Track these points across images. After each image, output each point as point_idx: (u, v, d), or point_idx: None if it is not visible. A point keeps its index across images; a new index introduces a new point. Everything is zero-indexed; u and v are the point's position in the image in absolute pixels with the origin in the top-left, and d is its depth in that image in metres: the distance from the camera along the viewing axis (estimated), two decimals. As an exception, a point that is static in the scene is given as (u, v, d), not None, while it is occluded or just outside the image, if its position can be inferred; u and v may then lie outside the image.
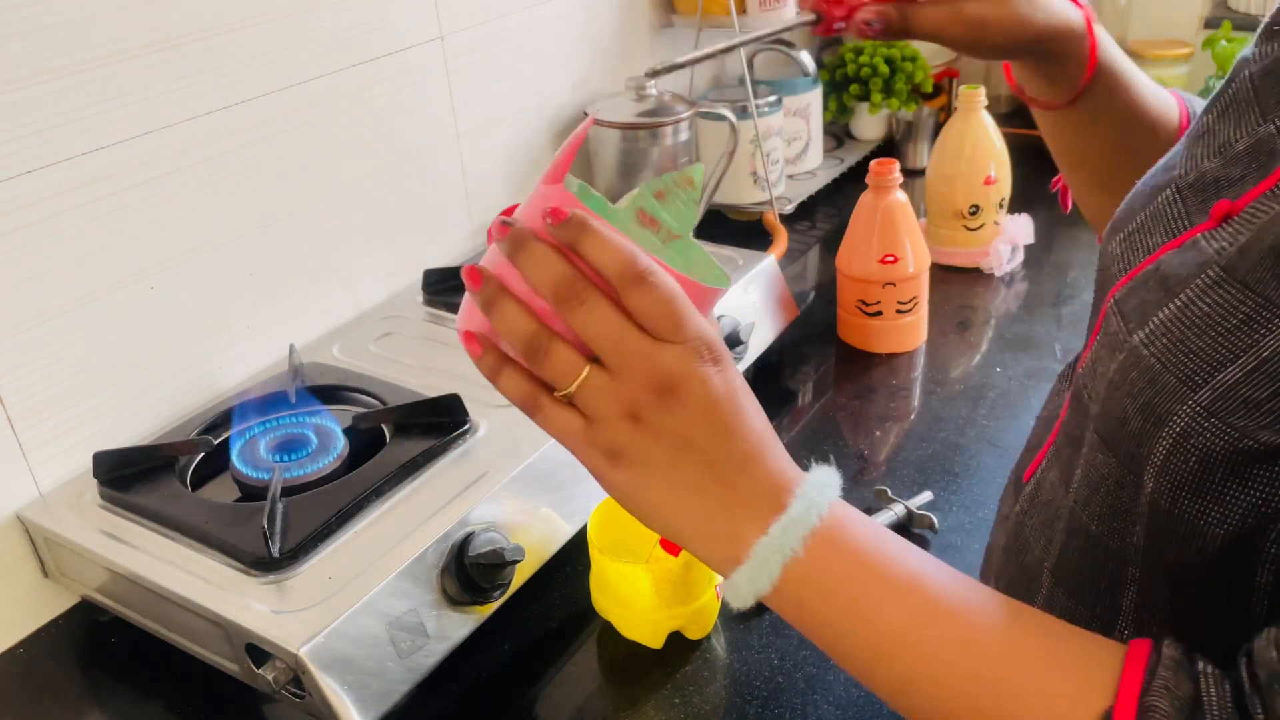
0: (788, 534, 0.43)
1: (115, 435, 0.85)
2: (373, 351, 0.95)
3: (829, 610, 0.44)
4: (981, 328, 1.15)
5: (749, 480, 0.45)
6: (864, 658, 0.44)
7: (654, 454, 0.44)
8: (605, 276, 0.44)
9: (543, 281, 0.44)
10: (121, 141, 0.81)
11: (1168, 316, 0.43)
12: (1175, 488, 0.42)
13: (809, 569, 0.44)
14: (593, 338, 0.44)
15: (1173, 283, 0.44)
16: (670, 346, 0.43)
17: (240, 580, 0.68)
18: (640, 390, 0.43)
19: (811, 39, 1.73)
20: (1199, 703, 0.39)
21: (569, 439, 0.46)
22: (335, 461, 0.78)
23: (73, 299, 0.80)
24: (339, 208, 1.00)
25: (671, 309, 0.43)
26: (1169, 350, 0.42)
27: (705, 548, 0.46)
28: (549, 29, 1.21)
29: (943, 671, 0.42)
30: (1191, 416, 0.41)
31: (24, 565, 0.80)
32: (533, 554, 0.76)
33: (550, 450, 0.79)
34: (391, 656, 0.67)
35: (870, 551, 0.44)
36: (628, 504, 0.46)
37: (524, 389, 0.46)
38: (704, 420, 0.44)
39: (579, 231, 0.44)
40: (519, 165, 1.21)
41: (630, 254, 0.43)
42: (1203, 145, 0.51)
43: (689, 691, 0.72)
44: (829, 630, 0.45)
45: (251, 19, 0.88)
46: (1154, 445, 0.43)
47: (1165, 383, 0.42)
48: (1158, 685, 0.39)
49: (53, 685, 0.77)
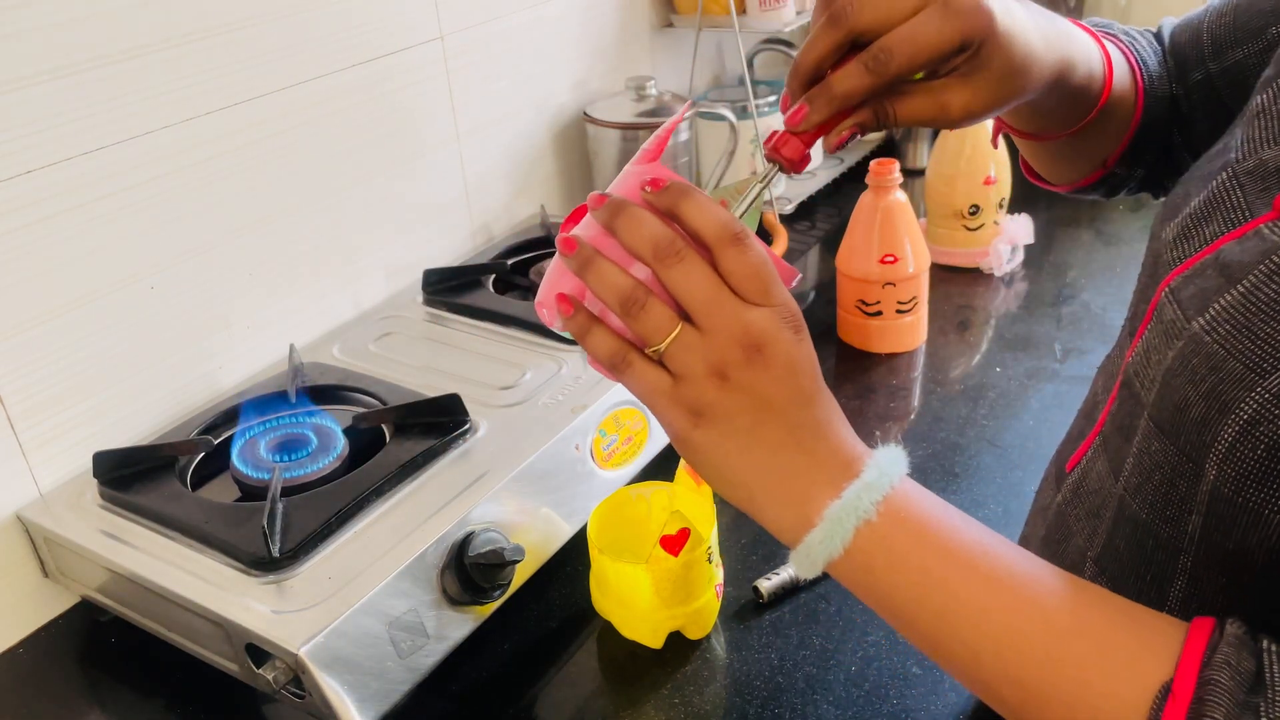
0: (862, 498, 0.44)
1: (115, 435, 0.85)
2: (373, 351, 0.96)
3: (897, 576, 0.45)
4: (981, 328, 1.15)
5: (825, 446, 0.46)
6: (931, 625, 0.45)
7: (736, 413, 0.46)
8: (703, 238, 0.46)
9: (642, 241, 0.46)
10: (121, 141, 0.81)
11: (1230, 303, 0.43)
12: (1240, 476, 0.42)
13: (881, 533, 0.45)
14: (687, 293, 0.45)
15: (1234, 270, 0.44)
16: (759, 309, 0.45)
17: (240, 580, 0.68)
18: (728, 348, 0.45)
19: (811, 39, 1.72)
20: (1260, 678, 0.39)
21: (656, 395, 0.47)
22: (335, 461, 0.78)
23: (73, 299, 0.80)
24: (339, 208, 1.00)
25: (762, 273, 0.45)
26: (1233, 336, 0.42)
27: (776, 511, 0.47)
28: (549, 29, 1.21)
29: (1009, 640, 0.43)
30: (1260, 403, 0.40)
31: (24, 565, 0.80)
32: (533, 554, 0.76)
33: (550, 450, 0.79)
34: (391, 656, 0.67)
35: (939, 522, 0.45)
36: (703, 464, 0.47)
37: (614, 346, 0.47)
38: (786, 382, 0.46)
39: (680, 196, 0.46)
40: (519, 165, 1.21)
41: (729, 217, 0.46)
42: (1259, 128, 0.49)
43: (689, 691, 0.72)
44: (897, 597, 0.45)
45: (251, 19, 0.88)
46: (1218, 432, 0.42)
47: (1230, 369, 0.42)
48: (1219, 660, 0.40)
49: (53, 685, 0.77)
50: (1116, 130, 0.64)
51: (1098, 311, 1.16)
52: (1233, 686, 0.39)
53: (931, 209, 1.26)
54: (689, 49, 1.39)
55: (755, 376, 0.45)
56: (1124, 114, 0.64)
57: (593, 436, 0.82)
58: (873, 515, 0.45)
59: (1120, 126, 0.64)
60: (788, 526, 0.47)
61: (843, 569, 0.46)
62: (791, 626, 0.76)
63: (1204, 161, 0.53)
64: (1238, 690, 0.39)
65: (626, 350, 0.47)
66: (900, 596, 0.45)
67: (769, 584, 0.78)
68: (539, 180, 1.25)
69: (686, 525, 0.71)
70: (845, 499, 0.45)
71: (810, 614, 0.77)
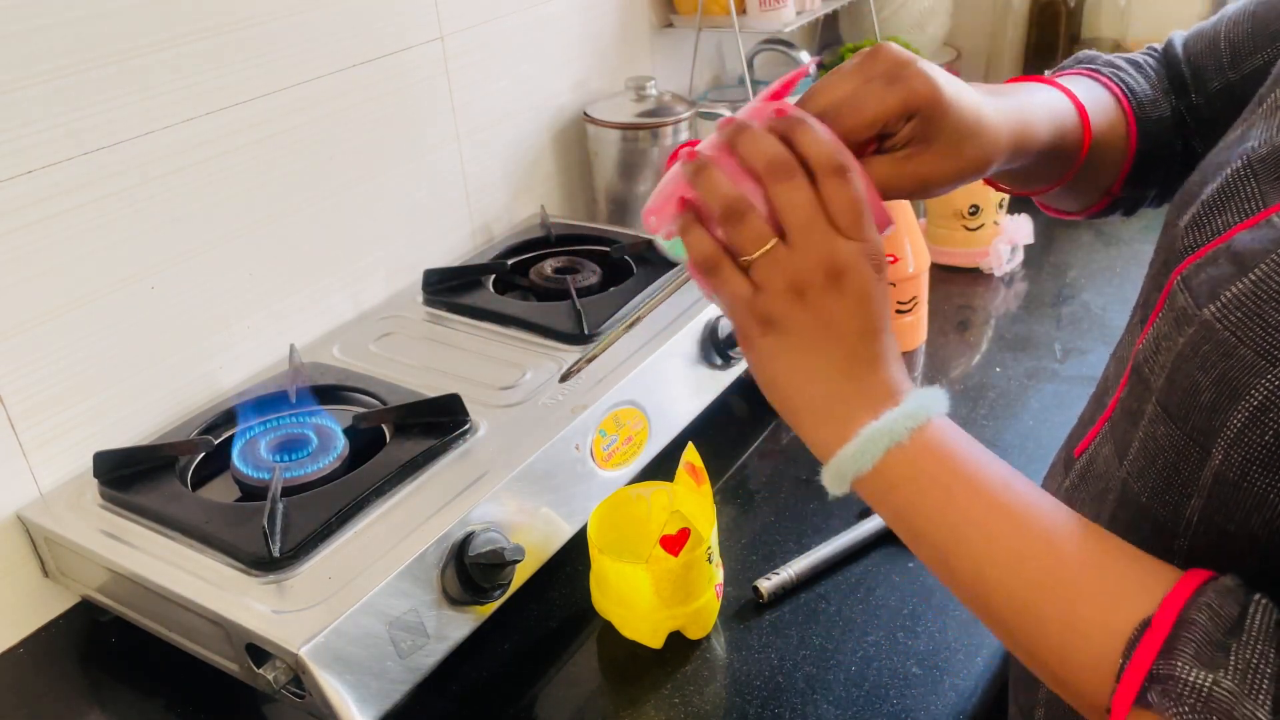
0: (897, 424, 0.47)
1: (115, 435, 0.85)
2: (373, 351, 0.96)
3: (918, 496, 0.48)
4: (981, 328, 1.15)
5: (875, 377, 0.49)
6: (944, 541, 0.47)
7: (804, 329, 0.49)
8: (812, 164, 0.49)
9: (758, 154, 0.49)
10: (122, 141, 0.81)
11: (1242, 290, 0.44)
12: (1247, 460, 0.43)
13: (910, 456, 0.47)
14: (789, 210, 0.48)
15: (1246, 258, 0.44)
16: (849, 241, 0.48)
17: (240, 580, 0.68)
18: (813, 268, 0.48)
19: (811, 39, 1.73)
20: (1240, 624, 0.40)
21: (735, 300, 0.50)
22: (335, 461, 0.78)
23: (73, 299, 0.80)
24: (339, 208, 1.00)
25: (859, 208, 0.49)
26: (1244, 324, 0.43)
27: (814, 425, 0.50)
28: (549, 29, 1.21)
29: (1015, 562, 0.45)
30: (1271, 390, 0.41)
31: (24, 565, 0.80)
32: (533, 554, 0.76)
33: (550, 450, 0.79)
34: (391, 656, 0.67)
35: (966, 454, 0.48)
36: (762, 369, 0.51)
37: (710, 247, 0.50)
38: (857, 313, 0.49)
39: (799, 123, 0.49)
40: (519, 165, 1.21)
41: (840, 148, 0.49)
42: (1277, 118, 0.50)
43: (689, 691, 0.72)
44: (915, 514, 0.48)
45: (251, 19, 0.88)
46: (1228, 418, 0.43)
47: (1241, 356, 0.43)
48: (1202, 601, 0.41)
49: (53, 685, 0.77)
50: (1112, 163, 0.65)
51: (1098, 311, 1.16)
52: (1210, 627, 0.40)
53: (931, 209, 1.26)
54: (689, 49, 1.39)
55: (830, 301, 0.48)
56: (1116, 148, 0.65)
57: (593, 436, 0.82)
58: (904, 439, 0.47)
59: (1115, 159, 0.65)
60: (823, 441, 0.49)
61: (868, 484, 0.49)
62: (791, 626, 0.76)
63: (1220, 150, 0.54)
64: (1215, 631, 0.40)
65: (720, 255, 0.50)
66: (918, 514, 0.48)
67: (769, 584, 0.78)
68: (539, 180, 1.25)
69: (686, 525, 0.71)
70: (882, 421, 0.48)
71: (810, 614, 0.77)
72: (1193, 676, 0.40)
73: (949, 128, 0.52)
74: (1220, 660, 0.40)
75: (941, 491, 0.47)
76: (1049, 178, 0.64)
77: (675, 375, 0.92)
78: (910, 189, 0.53)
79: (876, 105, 0.51)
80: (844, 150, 0.49)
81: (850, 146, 0.51)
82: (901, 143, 0.52)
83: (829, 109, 0.51)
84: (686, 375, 0.93)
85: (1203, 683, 0.40)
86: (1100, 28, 1.63)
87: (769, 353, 0.50)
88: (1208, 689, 0.39)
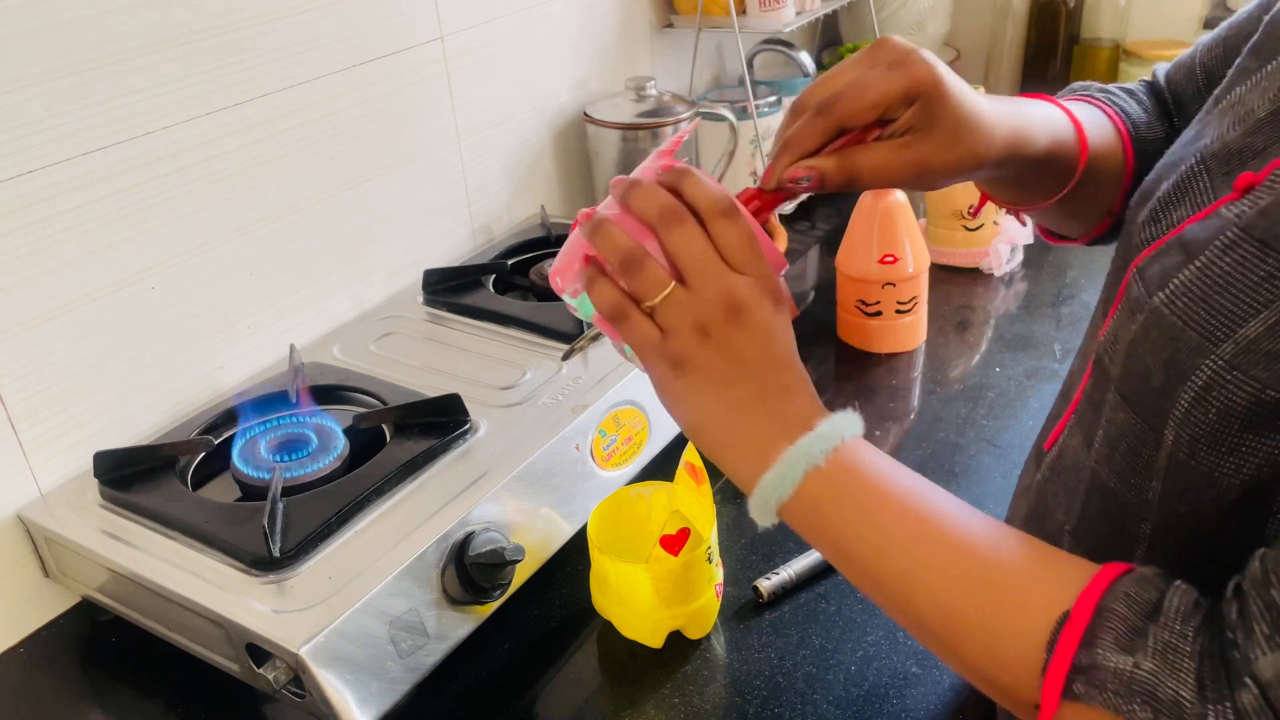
0: (813, 446, 0.49)
1: (116, 435, 0.85)
2: (373, 351, 0.96)
3: (841, 515, 0.49)
4: (981, 328, 1.15)
5: (788, 406, 0.51)
6: (869, 559, 0.49)
7: (713, 367, 0.51)
8: (698, 209, 0.51)
9: (649, 205, 0.52)
10: (122, 141, 0.81)
11: (1189, 277, 0.45)
12: (1194, 440, 0.44)
13: (828, 477, 0.49)
14: (682, 254, 0.51)
15: (1194, 247, 0.46)
16: (743, 276, 0.50)
17: (241, 580, 0.68)
18: (713, 307, 0.50)
19: (810, 39, 1.73)
20: (1158, 608, 0.42)
21: (645, 346, 0.52)
22: (335, 461, 0.78)
23: (73, 299, 0.80)
24: (339, 208, 1.00)
25: (749, 244, 0.51)
26: (1190, 308, 0.45)
27: (736, 458, 0.51)
28: (549, 29, 1.21)
29: (935, 570, 0.47)
30: (1214, 371, 0.43)
31: (25, 565, 0.80)
32: (533, 554, 0.76)
33: (550, 450, 0.79)
34: (391, 656, 0.67)
35: (881, 472, 0.50)
36: (680, 410, 0.53)
37: (616, 296, 0.52)
38: (761, 346, 0.50)
39: (684, 174, 0.52)
40: (519, 165, 1.21)
41: (723, 193, 0.52)
42: (1231, 115, 0.52)
43: (689, 691, 0.72)
44: (839, 533, 0.49)
45: (251, 19, 0.88)
46: (1176, 399, 0.45)
47: (1187, 339, 0.44)
48: (1119, 590, 0.43)
49: (53, 685, 0.77)
50: (1111, 180, 0.67)
51: (1097, 311, 1.16)
52: (1128, 614, 0.42)
53: (931, 209, 1.26)
54: (689, 49, 1.39)
55: (733, 336, 0.50)
56: (1114, 166, 0.66)
57: (593, 436, 0.83)
58: (821, 461, 0.49)
59: (1114, 178, 0.66)
60: (745, 473, 0.51)
61: (793, 509, 0.50)
62: (791, 626, 0.76)
63: (1176, 149, 0.56)
64: (1133, 617, 0.42)
65: (626, 303, 0.52)
66: (843, 533, 0.49)
67: (769, 584, 0.78)
68: (539, 180, 1.25)
69: (686, 525, 0.71)
70: (798, 446, 0.49)
71: (810, 614, 0.77)
72: (1113, 662, 0.41)
73: (948, 115, 0.53)
74: (1139, 644, 0.41)
75: (861, 509, 0.49)
76: (1046, 191, 0.65)
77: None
78: (907, 175, 0.54)
79: (881, 87, 0.52)
80: (728, 195, 0.52)
81: (854, 129, 0.53)
82: (901, 129, 0.53)
83: (836, 93, 0.52)
84: (686, 375, 0.93)
85: (1123, 667, 0.41)
86: (1100, 28, 1.63)
87: (683, 394, 0.52)
88: (1129, 672, 0.41)
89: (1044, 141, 0.60)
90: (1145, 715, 0.40)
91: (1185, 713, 0.39)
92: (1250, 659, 0.39)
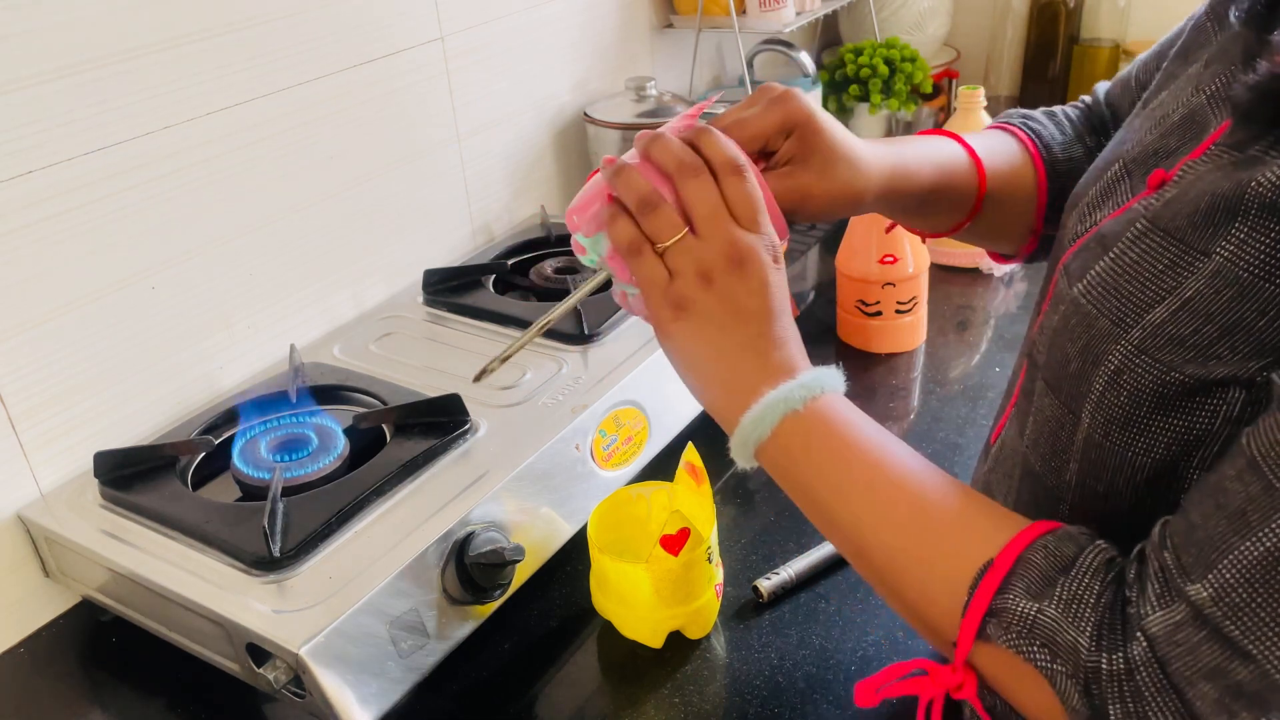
0: (794, 393, 0.52)
1: (116, 435, 0.85)
2: (373, 351, 0.96)
3: (809, 459, 0.52)
4: (980, 328, 1.15)
5: (778, 356, 0.54)
6: (828, 498, 0.52)
7: (711, 311, 0.54)
8: (714, 166, 0.55)
9: (669, 157, 0.55)
10: (121, 141, 0.81)
11: (1103, 268, 0.49)
12: (1108, 421, 0.48)
13: (804, 423, 0.52)
14: (695, 203, 0.54)
15: (1109, 240, 0.50)
16: (749, 232, 0.54)
17: (241, 580, 0.68)
18: (718, 256, 0.53)
19: (811, 39, 1.73)
20: (1073, 562, 0.45)
21: (653, 285, 0.55)
22: (336, 461, 0.78)
23: (73, 299, 0.80)
24: (339, 208, 1.00)
25: (755, 204, 0.54)
26: (1103, 297, 0.48)
27: (722, 398, 0.54)
28: (549, 29, 1.21)
29: (886, 512, 0.50)
30: (1124, 355, 0.46)
31: (25, 565, 0.80)
32: (533, 554, 0.76)
33: (550, 450, 0.79)
34: (392, 656, 0.67)
35: (853, 424, 0.53)
36: (677, 351, 0.56)
37: (634, 232, 0.55)
38: (759, 297, 0.54)
39: (704, 132, 0.56)
40: (519, 165, 1.21)
41: (737, 152, 0.55)
42: (1149, 119, 0.55)
43: (689, 691, 0.72)
44: (806, 476, 0.52)
45: (251, 20, 0.88)
46: (1091, 383, 0.48)
47: (1100, 326, 0.48)
48: (1038, 544, 0.46)
49: (53, 685, 0.77)
50: (1024, 202, 0.70)
51: (1097, 311, 1.16)
52: (1044, 565, 0.45)
53: (931, 209, 1.26)
54: (689, 49, 1.39)
55: (734, 285, 0.53)
56: (1025, 187, 0.70)
57: (593, 436, 0.83)
58: (799, 407, 0.52)
59: (1026, 199, 0.70)
60: (729, 411, 0.54)
61: (768, 451, 0.53)
62: (791, 626, 0.76)
63: (1107, 151, 0.59)
64: (1049, 569, 0.45)
65: (642, 239, 0.55)
66: (808, 475, 0.52)
67: (769, 584, 0.78)
68: (539, 180, 1.25)
69: (686, 525, 0.72)
70: (779, 391, 0.52)
71: (810, 614, 0.77)
72: (1019, 607, 0.45)
73: (823, 146, 0.59)
74: (1048, 593, 0.44)
75: (828, 454, 0.52)
76: (949, 217, 0.69)
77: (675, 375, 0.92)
78: (792, 202, 0.59)
79: (760, 121, 0.58)
80: (742, 155, 0.55)
81: None
82: (783, 159, 0.59)
83: (723, 128, 0.58)
84: (686, 375, 0.93)
85: (1028, 611, 0.44)
86: (1100, 28, 1.63)
87: (681, 335, 0.55)
88: (1032, 617, 0.44)
89: (928, 173, 0.65)
90: (1043, 657, 0.44)
91: (1080, 659, 0.43)
92: (1143, 615, 0.42)
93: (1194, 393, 0.44)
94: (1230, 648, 0.40)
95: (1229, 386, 0.43)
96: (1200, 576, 0.41)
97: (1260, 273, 0.42)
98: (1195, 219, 0.45)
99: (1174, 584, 0.42)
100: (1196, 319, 0.43)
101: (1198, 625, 0.40)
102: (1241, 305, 0.42)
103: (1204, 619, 0.40)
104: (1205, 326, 0.43)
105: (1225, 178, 0.44)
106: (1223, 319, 0.43)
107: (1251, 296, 0.42)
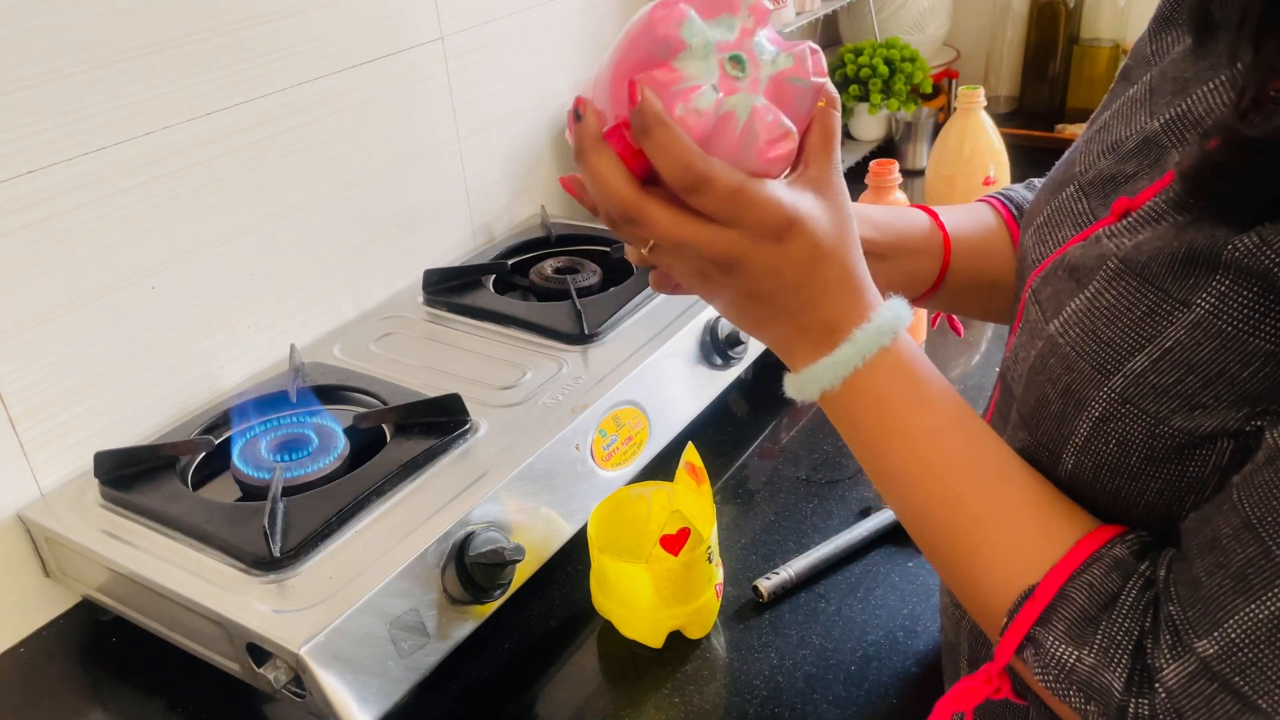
0: (883, 331, 0.50)
1: (116, 435, 0.85)
2: (373, 351, 0.96)
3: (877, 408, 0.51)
4: (981, 328, 1.15)
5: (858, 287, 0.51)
6: (880, 435, 0.51)
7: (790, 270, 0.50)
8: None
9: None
10: (122, 141, 0.81)
11: (1079, 307, 0.48)
12: (1097, 466, 0.47)
13: (897, 356, 0.50)
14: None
15: (1081, 274, 0.48)
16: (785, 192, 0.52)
17: (241, 580, 0.68)
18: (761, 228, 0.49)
19: (811, 39, 1.73)
20: (1114, 600, 0.45)
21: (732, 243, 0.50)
22: (336, 461, 0.78)
23: (73, 299, 0.80)
24: (339, 208, 1.00)
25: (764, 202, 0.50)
26: (1082, 339, 0.47)
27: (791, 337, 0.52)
28: (549, 29, 1.21)
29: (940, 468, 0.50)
30: (1108, 402, 0.45)
31: (25, 565, 0.80)
32: (533, 554, 0.76)
33: (550, 450, 0.79)
34: (392, 656, 0.67)
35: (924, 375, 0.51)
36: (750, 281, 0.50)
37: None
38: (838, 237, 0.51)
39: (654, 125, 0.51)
40: (519, 165, 1.21)
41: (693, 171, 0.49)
42: (1099, 142, 0.55)
43: (689, 691, 0.72)
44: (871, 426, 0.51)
45: (252, 20, 0.88)
46: (1075, 427, 0.47)
47: (1081, 370, 0.47)
48: (1084, 579, 0.45)
49: (53, 685, 0.77)
50: (1002, 266, 0.69)
51: (1097, 311, 1.16)
52: (1085, 603, 0.45)
53: (931, 209, 1.26)
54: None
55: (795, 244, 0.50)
56: (996, 250, 0.69)
57: (593, 436, 0.83)
58: (888, 343, 0.50)
59: (1003, 262, 0.69)
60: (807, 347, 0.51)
61: (853, 385, 0.51)
62: (791, 626, 0.76)
63: (1055, 171, 0.59)
64: (1090, 607, 0.45)
65: None
66: (873, 425, 0.51)
67: (769, 584, 0.78)
68: (539, 180, 1.25)
69: (686, 525, 0.72)
70: (872, 322, 0.50)
71: (810, 614, 0.77)
72: (1058, 651, 0.45)
73: None
74: (1088, 637, 0.45)
75: (908, 391, 0.50)
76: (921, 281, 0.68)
77: (675, 375, 0.92)
78: None
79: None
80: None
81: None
82: None
83: None
84: (686, 375, 0.93)
85: (1067, 660, 0.45)
86: (1100, 28, 1.63)
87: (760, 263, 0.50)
88: (1070, 664, 0.45)
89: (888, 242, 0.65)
90: (1079, 699, 0.45)
91: (1112, 701, 0.44)
92: (1158, 667, 0.43)
93: (1184, 447, 0.44)
94: (1241, 701, 0.41)
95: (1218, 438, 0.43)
96: (1207, 633, 0.41)
97: (1244, 326, 0.41)
98: (1174, 268, 0.44)
99: (1184, 638, 0.42)
100: (1179, 369, 0.43)
101: (1209, 679, 0.41)
102: (1225, 356, 0.42)
103: (1213, 674, 0.41)
104: (1188, 376, 0.43)
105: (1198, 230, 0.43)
106: (1206, 369, 0.42)
107: (1234, 348, 0.41)
